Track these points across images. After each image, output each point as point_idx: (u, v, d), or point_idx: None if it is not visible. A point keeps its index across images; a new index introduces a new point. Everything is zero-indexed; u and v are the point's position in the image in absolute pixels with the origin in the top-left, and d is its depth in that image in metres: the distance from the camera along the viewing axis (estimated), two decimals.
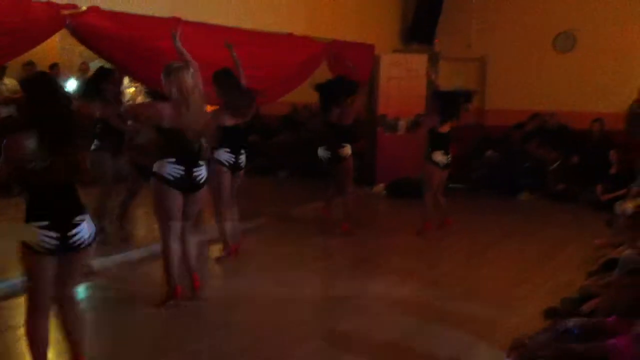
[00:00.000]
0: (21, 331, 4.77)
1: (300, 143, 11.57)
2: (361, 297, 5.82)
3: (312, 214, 8.65)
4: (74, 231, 3.73)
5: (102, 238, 6.08)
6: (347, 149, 7.72)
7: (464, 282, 6.31)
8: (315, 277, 6.52)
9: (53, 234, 3.66)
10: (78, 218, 3.76)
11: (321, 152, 7.79)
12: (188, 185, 5.25)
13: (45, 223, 3.66)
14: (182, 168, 5.19)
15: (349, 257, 7.24)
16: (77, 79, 11.18)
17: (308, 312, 5.52)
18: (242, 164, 6.57)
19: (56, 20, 5.91)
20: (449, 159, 7.76)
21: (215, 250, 6.94)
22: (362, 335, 4.96)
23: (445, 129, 7.63)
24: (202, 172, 5.34)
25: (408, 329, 5.06)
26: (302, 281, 6.28)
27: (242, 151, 6.55)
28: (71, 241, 3.73)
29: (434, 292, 5.98)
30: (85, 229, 3.78)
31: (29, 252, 3.71)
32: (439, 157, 7.70)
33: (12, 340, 4.74)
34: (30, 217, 3.70)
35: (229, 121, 6.36)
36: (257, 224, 8.22)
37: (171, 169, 5.15)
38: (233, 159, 6.45)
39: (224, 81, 6.34)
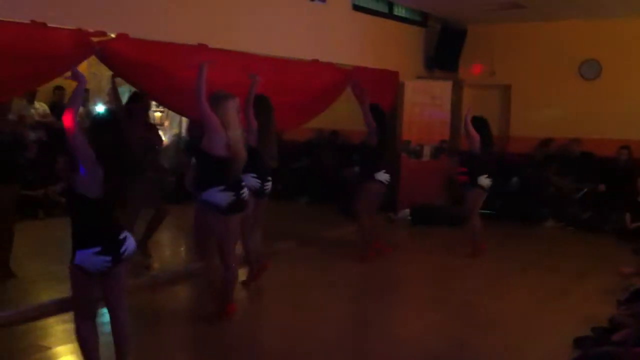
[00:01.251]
0: (51, 352, 4.84)
1: (321, 169, 11.59)
2: (384, 324, 5.78)
3: (337, 238, 8.62)
4: (122, 248, 3.98)
5: None
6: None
7: (489, 311, 6.24)
8: (340, 302, 6.49)
9: (107, 257, 3.89)
10: (122, 235, 4.00)
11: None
12: (239, 207, 5.40)
13: (99, 249, 3.87)
14: (233, 194, 5.31)
15: (373, 283, 7.20)
16: (105, 104, 11.33)
17: (332, 337, 5.48)
18: (268, 190, 6.55)
19: (85, 47, 6.02)
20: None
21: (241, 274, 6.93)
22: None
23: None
24: (245, 193, 5.53)
25: (431, 356, 5.00)
26: (327, 305, 6.26)
27: (269, 177, 6.54)
28: (122, 257, 3.99)
29: (459, 320, 5.92)
30: (130, 241, 4.05)
31: (81, 273, 3.93)
32: (484, 181, 7.78)
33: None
34: (82, 244, 3.90)
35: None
36: (281, 247, 8.21)
37: (224, 196, 5.27)
38: (259, 185, 6.42)
39: (262, 105, 6.38)
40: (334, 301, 6.46)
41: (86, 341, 4.10)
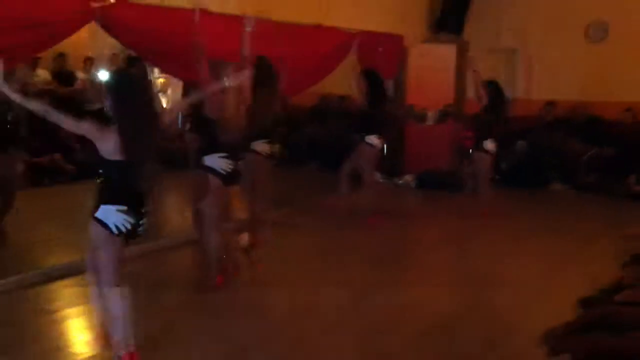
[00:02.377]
0: (58, 315, 4.89)
1: (329, 134, 11.53)
2: (391, 288, 5.81)
3: (342, 206, 8.61)
4: (142, 221, 3.95)
5: None
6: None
7: (496, 273, 6.27)
8: (346, 267, 6.51)
9: (130, 219, 3.86)
10: (145, 209, 3.97)
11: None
12: (234, 178, 5.37)
13: (124, 208, 3.84)
14: (231, 163, 5.30)
15: (379, 249, 7.20)
16: (108, 70, 11.28)
17: (338, 302, 5.50)
18: (276, 155, 6.60)
19: (86, 13, 5.97)
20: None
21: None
22: (393, 325, 4.95)
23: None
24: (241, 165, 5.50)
25: (441, 319, 5.04)
26: (332, 271, 6.28)
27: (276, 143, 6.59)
28: (138, 230, 3.95)
29: (466, 282, 5.95)
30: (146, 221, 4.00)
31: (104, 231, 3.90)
32: (489, 145, 7.87)
33: (47, 323, 4.82)
34: (107, 200, 3.86)
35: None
36: (286, 214, 8.21)
37: (224, 163, 5.23)
38: (268, 149, 6.44)
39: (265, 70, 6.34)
40: (340, 267, 6.47)
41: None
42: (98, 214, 3.88)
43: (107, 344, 4.15)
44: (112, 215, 3.84)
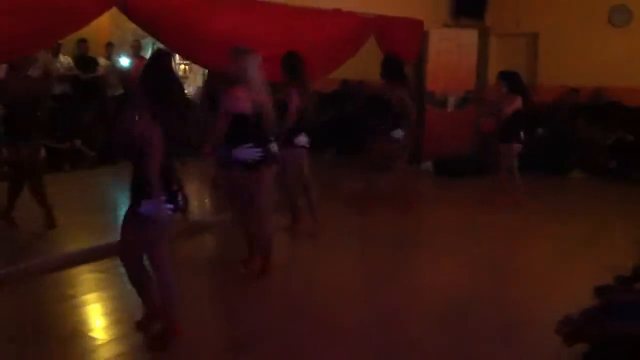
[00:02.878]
0: (78, 300, 4.96)
1: (348, 120, 11.49)
2: (406, 274, 5.85)
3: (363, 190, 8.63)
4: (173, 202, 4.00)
5: None
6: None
7: (514, 260, 6.25)
8: (361, 252, 6.55)
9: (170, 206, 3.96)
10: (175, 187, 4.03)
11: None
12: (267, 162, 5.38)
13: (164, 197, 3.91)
14: (260, 150, 5.26)
15: (395, 235, 7.20)
16: (129, 57, 11.35)
17: (350, 286, 5.54)
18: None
19: None
20: None
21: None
22: (407, 310, 4.97)
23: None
24: (274, 147, 5.46)
25: (456, 306, 5.04)
26: (347, 256, 6.32)
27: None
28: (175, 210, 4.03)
29: (483, 269, 5.94)
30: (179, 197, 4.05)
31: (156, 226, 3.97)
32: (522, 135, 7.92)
33: (68, 308, 4.88)
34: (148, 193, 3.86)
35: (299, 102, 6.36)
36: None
37: (252, 153, 5.23)
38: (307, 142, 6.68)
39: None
40: (355, 253, 6.51)
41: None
42: (146, 211, 3.90)
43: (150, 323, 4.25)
44: (159, 207, 3.88)
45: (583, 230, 7.17)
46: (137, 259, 4.15)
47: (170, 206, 3.95)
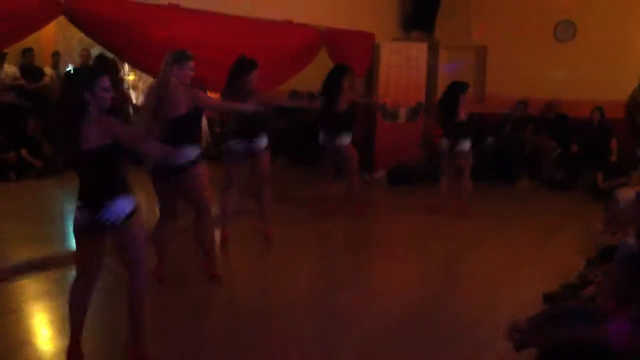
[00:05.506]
0: (23, 312, 4.83)
1: (297, 129, 11.54)
2: (360, 279, 5.88)
3: (314, 198, 8.63)
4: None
5: None
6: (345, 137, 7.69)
7: (463, 266, 6.34)
8: (316, 259, 6.56)
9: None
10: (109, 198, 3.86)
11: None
12: None
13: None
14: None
15: (349, 240, 7.25)
16: (78, 66, 11.16)
17: (307, 294, 5.53)
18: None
19: (54, 6, 5.90)
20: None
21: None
22: (361, 314, 4.99)
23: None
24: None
25: (406, 309, 5.09)
26: (303, 263, 6.32)
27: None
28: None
29: (434, 275, 6.01)
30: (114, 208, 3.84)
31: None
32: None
33: (13, 320, 4.77)
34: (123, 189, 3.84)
35: None
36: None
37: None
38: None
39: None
40: (310, 259, 6.53)
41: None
42: (130, 208, 3.83)
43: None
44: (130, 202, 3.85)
45: (531, 237, 7.31)
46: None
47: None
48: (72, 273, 4.95)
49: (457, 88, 7.95)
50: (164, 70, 5.14)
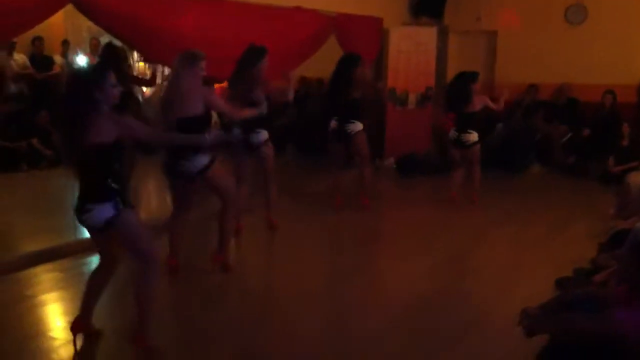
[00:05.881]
0: (36, 300, 4.86)
1: (309, 118, 11.48)
2: (369, 273, 5.84)
3: (322, 190, 8.61)
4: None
5: None
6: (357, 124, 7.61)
7: (475, 257, 6.30)
8: (325, 252, 6.53)
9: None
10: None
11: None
12: None
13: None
14: None
15: (356, 233, 7.20)
16: (87, 55, 11.18)
17: (317, 287, 5.51)
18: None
19: None
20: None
21: None
22: (368, 308, 4.97)
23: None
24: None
25: (416, 302, 5.05)
26: (312, 256, 6.29)
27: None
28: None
29: (445, 268, 5.97)
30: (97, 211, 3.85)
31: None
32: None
33: (26, 309, 4.77)
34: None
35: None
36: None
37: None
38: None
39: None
40: (319, 252, 6.49)
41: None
42: (109, 215, 3.84)
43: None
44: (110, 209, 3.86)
45: (543, 225, 7.26)
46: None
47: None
48: (84, 262, 5.01)
49: (467, 78, 7.84)
50: (175, 70, 5.12)
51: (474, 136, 7.86)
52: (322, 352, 4.23)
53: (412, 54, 10.82)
